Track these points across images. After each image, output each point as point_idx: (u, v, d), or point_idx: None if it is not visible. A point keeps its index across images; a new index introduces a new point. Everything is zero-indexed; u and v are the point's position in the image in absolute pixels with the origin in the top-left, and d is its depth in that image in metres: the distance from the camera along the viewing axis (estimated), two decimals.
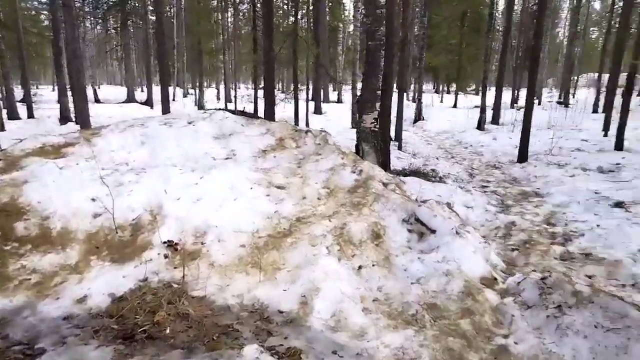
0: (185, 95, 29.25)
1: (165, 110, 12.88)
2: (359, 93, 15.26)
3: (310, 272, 3.29)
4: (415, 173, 6.85)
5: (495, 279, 3.29)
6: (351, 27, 33.94)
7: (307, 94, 15.98)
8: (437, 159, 9.37)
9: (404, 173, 6.76)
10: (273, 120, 8.96)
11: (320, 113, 19.42)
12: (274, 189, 4.55)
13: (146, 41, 22.65)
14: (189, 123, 5.85)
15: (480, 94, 14.66)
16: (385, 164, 6.08)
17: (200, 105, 20.69)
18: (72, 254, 3.52)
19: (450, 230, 3.62)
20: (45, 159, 4.81)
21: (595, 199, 5.63)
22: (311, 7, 19.68)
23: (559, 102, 24.25)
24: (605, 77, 19.17)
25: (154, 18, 24.54)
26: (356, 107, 14.43)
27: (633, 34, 13.06)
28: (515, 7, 20.12)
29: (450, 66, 25.57)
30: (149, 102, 21.30)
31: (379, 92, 5.72)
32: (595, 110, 18.38)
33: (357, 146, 6.10)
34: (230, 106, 19.70)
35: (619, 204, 5.29)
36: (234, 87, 25.85)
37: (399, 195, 4.29)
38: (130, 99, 23.26)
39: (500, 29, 23.80)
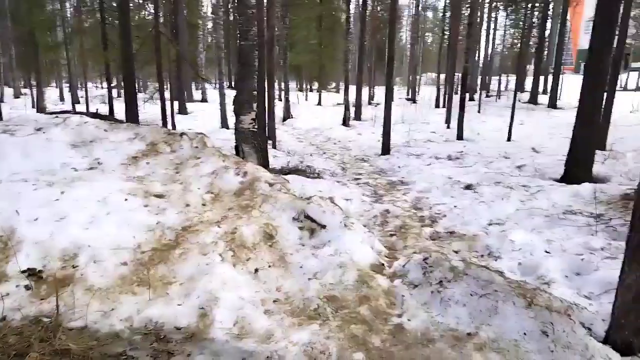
0: (17, 96, 25.04)
1: None
2: (227, 92, 14.96)
3: (206, 283, 3.14)
4: (295, 171, 7.01)
5: (383, 264, 3.57)
6: (210, 24, 33.01)
7: (171, 92, 15.08)
8: (311, 155, 9.73)
9: (284, 171, 6.87)
10: (136, 122, 8.25)
11: (186, 113, 18.51)
12: (153, 199, 4.21)
13: None
14: (38, 130, 5.06)
15: (343, 92, 15.63)
16: (265, 164, 6.09)
17: (40, 108, 17.92)
18: None
19: (339, 224, 3.81)
20: None
21: (450, 184, 6.49)
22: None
23: (407, 99, 27.20)
24: (442, 76, 22.18)
25: None
26: (224, 106, 14.14)
27: (462, 40, 15.29)
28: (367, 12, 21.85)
29: (312, 65, 26.59)
30: None
31: (255, 92, 5.69)
32: (437, 106, 21.10)
33: (236, 147, 5.98)
34: (79, 108, 17.53)
35: (468, 187, 6.20)
36: (81, 86, 22.98)
37: (287, 194, 4.35)
38: None
39: (353, 32, 25.68)
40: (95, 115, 14.09)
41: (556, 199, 5.22)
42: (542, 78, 24.89)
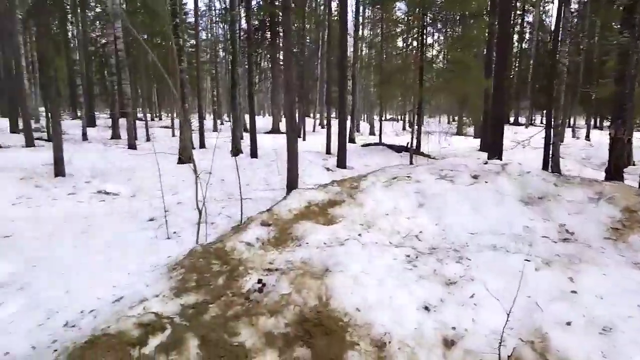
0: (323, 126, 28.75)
1: (342, 148, 10.40)
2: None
3: None
4: None
5: None
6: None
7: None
8: None
9: None
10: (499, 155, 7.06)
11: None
12: None
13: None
14: (474, 178, 4.25)
15: None
16: None
17: (351, 139, 19.44)
18: None
19: None
20: (316, 225, 3.55)
21: None
22: None
23: None
24: None
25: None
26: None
27: None
28: None
29: None
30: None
31: None
32: None
33: None
34: (384, 138, 18.05)
35: None
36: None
37: None
38: (275, 129, 23.17)
39: None
40: (406, 149, 12.55)
41: None
42: None
